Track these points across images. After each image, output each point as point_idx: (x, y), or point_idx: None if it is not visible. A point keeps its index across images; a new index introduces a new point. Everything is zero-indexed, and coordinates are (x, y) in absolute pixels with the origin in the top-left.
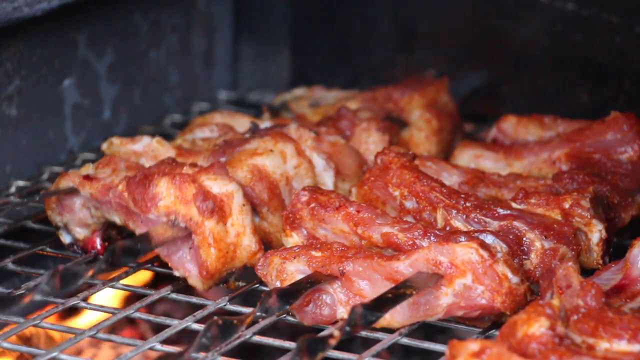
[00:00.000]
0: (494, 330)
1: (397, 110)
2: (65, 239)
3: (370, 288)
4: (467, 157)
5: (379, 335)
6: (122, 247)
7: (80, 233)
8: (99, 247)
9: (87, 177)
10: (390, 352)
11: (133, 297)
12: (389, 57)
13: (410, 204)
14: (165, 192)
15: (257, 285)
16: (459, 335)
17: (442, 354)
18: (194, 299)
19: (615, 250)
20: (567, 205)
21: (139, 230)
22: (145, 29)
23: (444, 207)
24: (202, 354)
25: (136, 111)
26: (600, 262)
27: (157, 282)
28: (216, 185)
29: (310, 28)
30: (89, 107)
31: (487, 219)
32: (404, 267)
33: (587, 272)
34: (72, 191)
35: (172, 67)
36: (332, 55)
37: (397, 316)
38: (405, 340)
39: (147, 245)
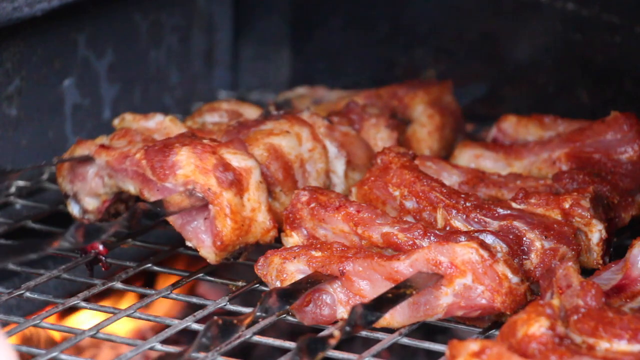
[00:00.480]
0: (494, 330)
1: (401, 107)
2: (73, 209)
3: (370, 288)
4: (467, 157)
5: (379, 335)
6: (143, 209)
7: (90, 203)
8: (100, 248)
9: (103, 146)
10: (390, 352)
11: (134, 297)
12: (389, 57)
13: (410, 204)
14: (185, 160)
15: (257, 285)
16: (459, 335)
17: (442, 354)
18: (194, 299)
19: (615, 250)
20: (567, 205)
21: (153, 199)
22: (145, 29)
23: (444, 207)
24: (202, 354)
25: (136, 111)
26: (600, 262)
27: (157, 282)
28: (236, 159)
29: (310, 28)
30: (89, 107)
31: (487, 219)
32: (404, 267)
33: (587, 272)
34: (87, 159)
35: (172, 67)
36: (332, 56)
37: (397, 316)
38: (405, 340)
39: (164, 211)
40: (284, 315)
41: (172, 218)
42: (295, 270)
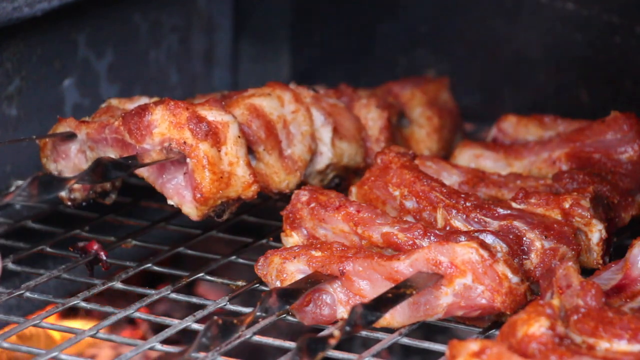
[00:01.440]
0: (494, 330)
1: (398, 105)
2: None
3: (370, 288)
4: (467, 156)
5: (379, 335)
6: (111, 160)
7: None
8: (100, 252)
9: (84, 121)
10: (390, 352)
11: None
12: (389, 57)
13: (410, 204)
14: (159, 118)
15: (257, 285)
16: (459, 335)
17: (442, 354)
18: (194, 299)
19: (615, 250)
20: (567, 205)
21: (140, 168)
22: (145, 29)
23: (444, 207)
24: (202, 354)
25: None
26: (600, 262)
27: (157, 282)
28: (211, 114)
29: (310, 28)
30: (89, 107)
31: (487, 219)
32: (404, 267)
33: (587, 272)
34: (69, 136)
35: (172, 67)
36: (332, 56)
37: (397, 316)
38: (405, 340)
39: (136, 162)
40: (284, 315)
41: (152, 177)
42: (295, 270)
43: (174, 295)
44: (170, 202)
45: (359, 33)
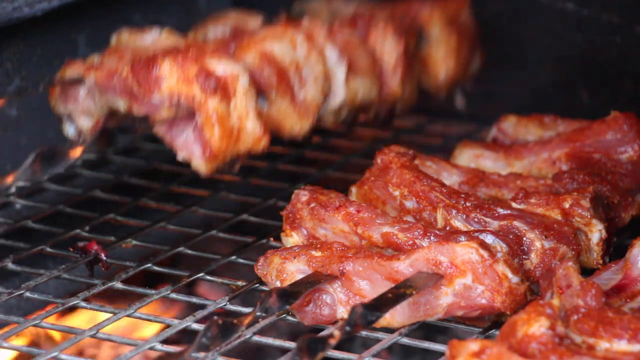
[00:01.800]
0: (494, 330)
1: (416, 26)
2: (69, 129)
3: (370, 288)
4: (467, 156)
5: (379, 335)
6: (115, 126)
7: (84, 123)
8: (100, 252)
9: (92, 66)
10: (390, 352)
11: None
12: None
13: (410, 204)
14: (168, 73)
15: (257, 285)
16: (459, 335)
17: (442, 354)
18: (194, 299)
19: (615, 250)
20: (567, 205)
21: (142, 114)
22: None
23: (444, 207)
24: (202, 354)
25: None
26: (600, 262)
27: (157, 282)
28: (220, 66)
29: None
30: None
31: (487, 219)
32: (404, 267)
33: (587, 272)
34: (77, 81)
35: None
36: None
37: (397, 316)
38: (405, 340)
39: (144, 125)
40: (284, 315)
41: (161, 131)
42: (295, 270)
43: (174, 295)
44: (179, 156)
45: None
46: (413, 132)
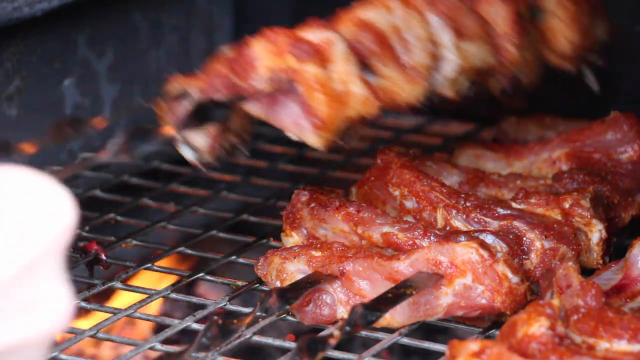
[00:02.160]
0: (494, 330)
1: None
2: (187, 153)
3: (370, 288)
4: (467, 156)
5: (379, 335)
6: (210, 100)
7: (199, 141)
8: (100, 252)
9: (191, 76)
10: (390, 352)
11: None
12: None
13: (410, 204)
14: (259, 50)
15: (257, 285)
16: (459, 335)
17: (442, 354)
18: (194, 299)
19: (615, 250)
20: (567, 205)
21: (254, 108)
22: (145, 29)
23: (444, 207)
24: (202, 354)
25: (136, 111)
26: (600, 262)
27: (157, 282)
28: (313, 34)
29: None
30: (89, 107)
31: (487, 219)
32: (404, 267)
33: (587, 272)
34: (182, 94)
35: (172, 67)
36: None
37: (397, 316)
38: (405, 340)
39: (240, 97)
40: (283, 315)
41: (265, 112)
42: (295, 270)
43: (174, 295)
44: (291, 136)
45: None
46: (413, 132)
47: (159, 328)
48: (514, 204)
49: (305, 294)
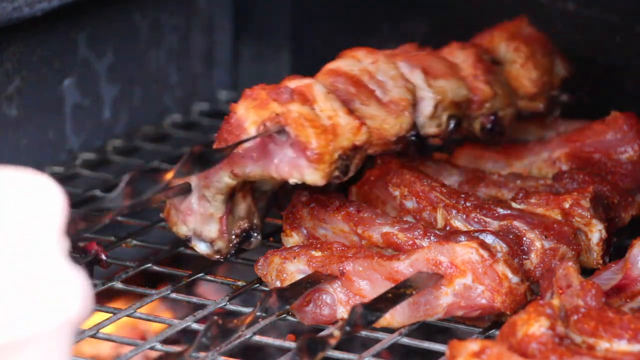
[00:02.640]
0: (494, 330)
1: (484, 50)
2: (201, 248)
3: (370, 288)
4: (467, 157)
5: (379, 335)
6: (202, 150)
7: (211, 231)
8: (100, 252)
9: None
10: (390, 352)
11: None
12: None
13: (410, 204)
14: (243, 110)
15: (257, 285)
16: (459, 335)
17: (442, 354)
18: (194, 299)
19: (615, 250)
20: (567, 205)
21: (250, 168)
22: (145, 29)
23: (444, 207)
24: (202, 354)
25: (136, 111)
26: (600, 262)
27: (157, 282)
28: (291, 83)
29: (311, 28)
30: (89, 107)
31: (487, 219)
32: (404, 267)
33: (587, 272)
34: (184, 188)
35: (172, 67)
36: (332, 56)
37: (397, 316)
38: (405, 340)
39: (221, 155)
40: (283, 315)
41: (266, 169)
42: (295, 270)
43: (174, 295)
44: (292, 181)
45: (359, 33)
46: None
47: (159, 328)
48: (514, 204)
49: (305, 294)
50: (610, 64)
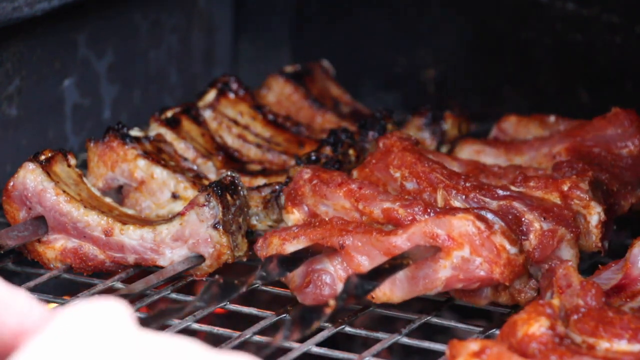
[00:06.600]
0: (494, 330)
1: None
2: None
3: (369, 264)
4: (468, 152)
5: (379, 335)
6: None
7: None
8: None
9: None
10: (390, 352)
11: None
12: (389, 57)
13: (410, 185)
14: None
15: (257, 285)
16: (459, 335)
17: (442, 353)
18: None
19: (615, 250)
20: (565, 188)
21: None
22: (145, 29)
23: (444, 188)
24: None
25: (136, 111)
26: (599, 245)
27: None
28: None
29: (311, 28)
30: (89, 107)
31: (487, 199)
32: (402, 242)
33: (586, 257)
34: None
35: (172, 67)
36: (332, 56)
37: (396, 291)
38: (405, 340)
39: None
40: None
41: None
42: (295, 250)
43: (174, 295)
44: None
45: (359, 33)
46: None
47: (159, 328)
48: (512, 187)
49: (305, 275)
50: (610, 64)
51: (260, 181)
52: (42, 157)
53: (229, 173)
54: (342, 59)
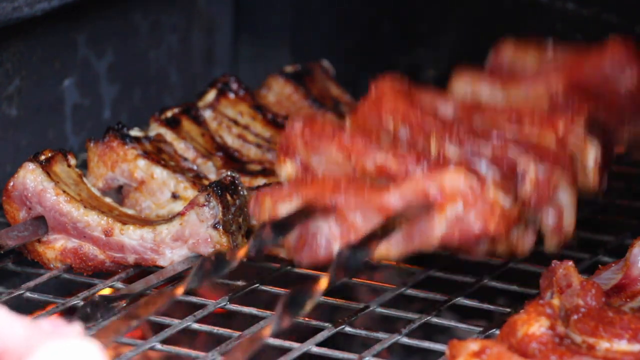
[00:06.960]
0: (494, 330)
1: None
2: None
3: (362, 221)
4: (464, 82)
5: (379, 335)
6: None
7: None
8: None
9: None
10: (390, 352)
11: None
12: (389, 57)
13: (403, 133)
14: None
15: (257, 285)
16: (459, 335)
17: (442, 353)
18: (194, 299)
19: (615, 250)
20: (561, 125)
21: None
22: (145, 29)
23: (437, 135)
24: (201, 354)
25: (136, 111)
26: (597, 186)
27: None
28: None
29: (311, 28)
30: (89, 107)
31: (481, 146)
32: (394, 199)
33: (585, 202)
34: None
35: (172, 67)
36: (332, 56)
37: (393, 248)
38: (405, 340)
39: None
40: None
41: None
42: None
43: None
44: None
45: (359, 33)
46: None
47: (159, 328)
48: (507, 129)
49: (300, 236)
50: None
51: (260, 181)
52: (42, 157)
53: (229, 173)
54: (341, 59)
